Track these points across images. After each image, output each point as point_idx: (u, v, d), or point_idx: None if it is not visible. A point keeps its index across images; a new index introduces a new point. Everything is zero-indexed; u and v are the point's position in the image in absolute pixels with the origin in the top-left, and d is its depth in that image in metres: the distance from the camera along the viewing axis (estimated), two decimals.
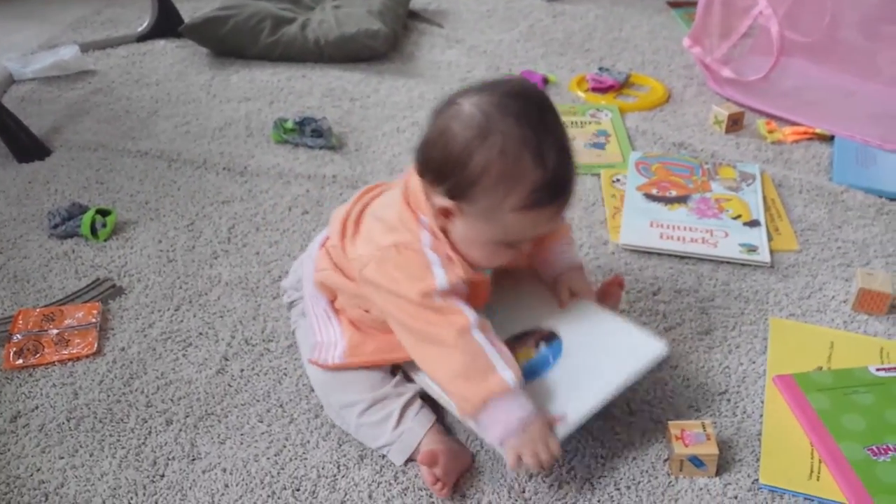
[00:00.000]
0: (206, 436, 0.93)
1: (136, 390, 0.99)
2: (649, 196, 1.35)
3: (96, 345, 1.05)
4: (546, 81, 1.77)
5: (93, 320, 1.09)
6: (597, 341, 0.92)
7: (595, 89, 1.73)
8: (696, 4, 1.68)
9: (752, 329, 1.08)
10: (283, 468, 0.89)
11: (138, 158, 1.49)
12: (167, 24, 1.99)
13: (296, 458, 0.90)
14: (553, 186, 0.82)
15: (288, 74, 1.81)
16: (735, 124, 1.57)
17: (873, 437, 0.89)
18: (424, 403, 0.91)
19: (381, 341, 0.91)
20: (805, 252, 1.23)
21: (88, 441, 0.93)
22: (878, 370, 0.98)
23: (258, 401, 0.98)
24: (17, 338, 1.06)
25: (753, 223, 1.28)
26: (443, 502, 0.85)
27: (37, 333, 1.07)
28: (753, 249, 1.22)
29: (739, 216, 1.29)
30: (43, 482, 0.88)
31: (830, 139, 1.52)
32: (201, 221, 1.31)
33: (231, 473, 0.89)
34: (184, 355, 1.05)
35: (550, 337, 0.93)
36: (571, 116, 1.62)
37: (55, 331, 1.07)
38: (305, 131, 1.51)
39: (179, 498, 0.86)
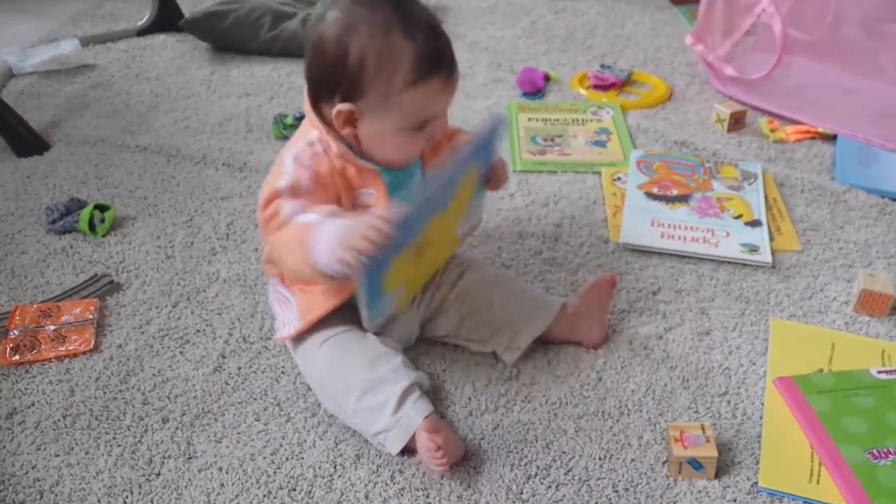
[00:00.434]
0: (203, 434, 0.93)
1: (133, 388, 0.99)
2: (650, 195, 1.34)
3: (93, 341, 1.05)
4: (547, 78, 1.76)
5: (90, 317, 1.08)
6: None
7: (597, 87, 1.72)
8: (699, 2, 1.67)
9: (753, 330, 1.07)
10: (280, 467, 0.89)
11: (137, 153, 1.48)
12: (167, 19, 1.99)
13: (292, 458, 0.90)
14: (431, 55, 0.87)
15: (288, 70, 1.81)
16: (737, 123, 1.56)
17: (874, 441, 0.88)
18: (423, 393, 0.91)
19: (327, 288, 0.93)
20: (807, 252, 1.22)
21: (84, 439, 0.92)
22: (880, 372, 0.97)
23: (255, 399, 0.97)
24: (14, 334, 1.06)
25: (755, 223, 1.27)
26: (440, 498, 0.85)
27: (34, 329, 1.07)
28: (755, 249, 1.21)
29: (741, 216, 1.28)
30: (38, 480, 0.88)
31: (833, 138, 1.52)
32: (200, 217, 1.31)
33: (227, 472, 0.88)
34: (181, 352, 1.04)
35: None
36: (573, 114, 1.61)
37: (52, 327, 1.07)
38: None
39: (175, 497, 0.86)
